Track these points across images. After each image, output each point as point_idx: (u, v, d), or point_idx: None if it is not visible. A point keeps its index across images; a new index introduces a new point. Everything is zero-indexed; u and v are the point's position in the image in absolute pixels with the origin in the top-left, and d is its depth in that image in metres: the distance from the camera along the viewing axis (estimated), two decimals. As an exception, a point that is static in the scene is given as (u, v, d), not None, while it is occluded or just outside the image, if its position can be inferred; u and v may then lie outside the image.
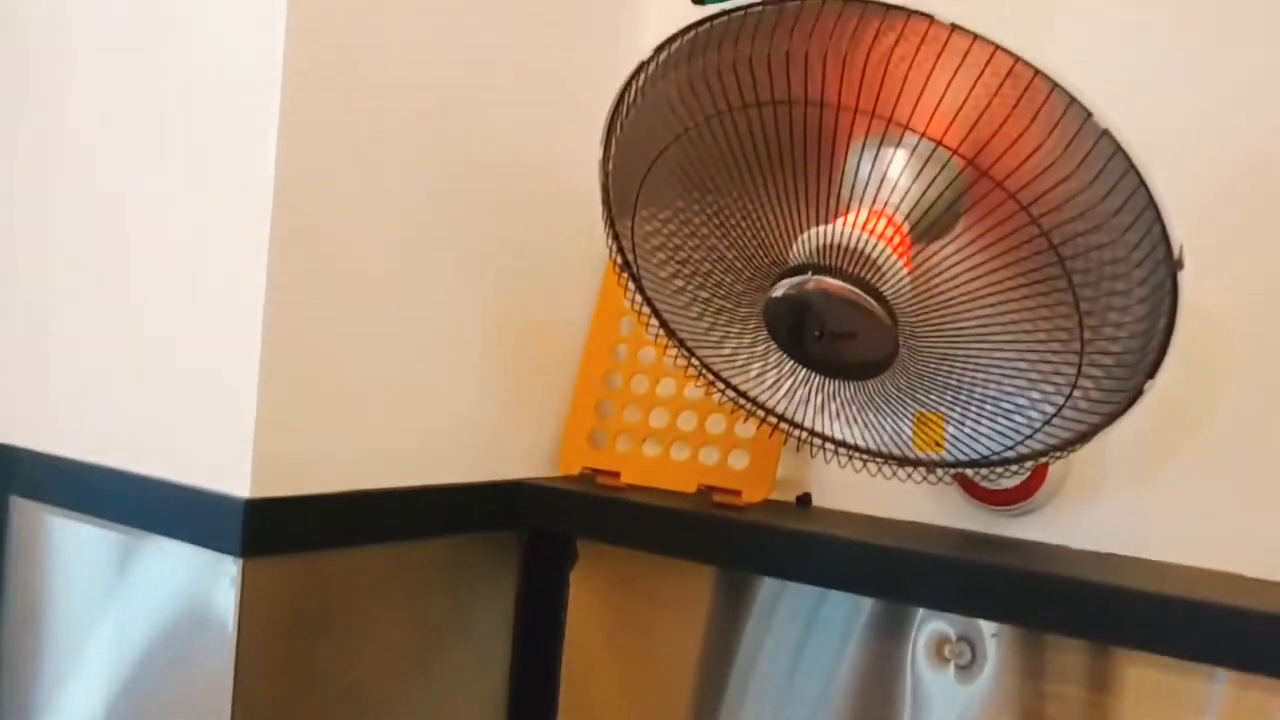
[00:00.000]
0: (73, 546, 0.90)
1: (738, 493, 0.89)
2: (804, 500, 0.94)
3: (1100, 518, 0.81)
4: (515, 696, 0.97)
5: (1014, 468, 0.69)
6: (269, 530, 0.78)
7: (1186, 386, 0.78)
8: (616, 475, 0.96)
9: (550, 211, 0.99)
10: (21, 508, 0.95)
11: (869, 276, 0.61)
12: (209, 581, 0.78)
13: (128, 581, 0.85)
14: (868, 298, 0.60)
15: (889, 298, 0.62)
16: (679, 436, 0.96)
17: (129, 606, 0.85)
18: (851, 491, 0.92)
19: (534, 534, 0.98)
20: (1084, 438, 0.65)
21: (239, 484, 0.77)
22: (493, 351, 0.94)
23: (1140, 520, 0.80)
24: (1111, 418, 0.63)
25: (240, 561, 0.76)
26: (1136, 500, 0.80)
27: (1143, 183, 0.56)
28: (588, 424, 1.00)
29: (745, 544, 0.84)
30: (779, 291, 0.63)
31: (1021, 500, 0.82)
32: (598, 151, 0.70)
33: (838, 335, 0.63)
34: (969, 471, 0.73)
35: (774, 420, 0.77)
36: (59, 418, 0.92)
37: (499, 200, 0.94)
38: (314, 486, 0.81)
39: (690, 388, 0.96)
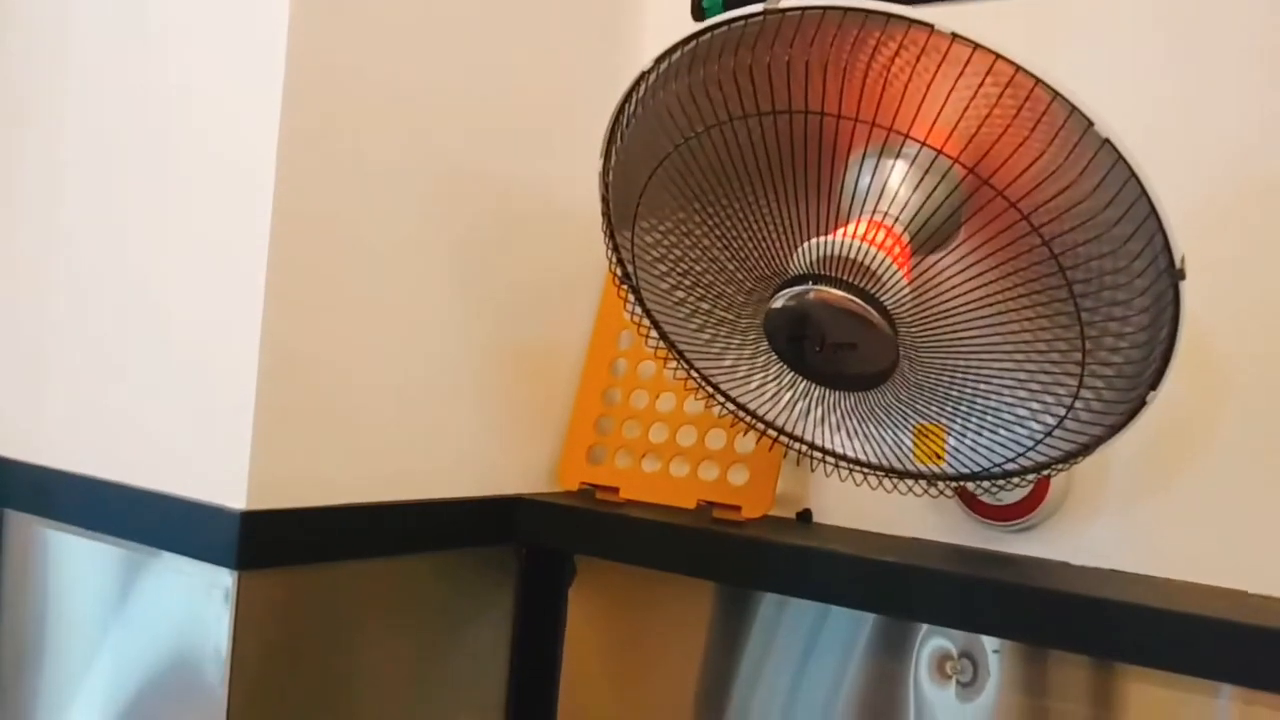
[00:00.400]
0: (68, 560, 0.89)
1: (737, 508, 0.88)
2: (804, 516, 0.93)
3: (1102, 534, 0.81)
4: (513, 712, 0.96)
5: (1015, 480, 0.69)
6: (265, 543, 0.77)
7: (1189, 402, 0.77)
8: (615, 491, 0.95)
9: (549, 226, 0.99)
10: (16, 521, 0.94)
11: (869, 287, 0.61)
12: (204, 594, 0.77)
13: (123, 594, 0.84)
14: (868, 308, 0.60)
15: (889, 308, 0.61)
16: (678, 452, 0.96)
17: (125, 619, 0.84)
18: (852, 507, 0.92)
19: (532, 550, 0.97)
20: (1086, 450, 0.64)
21: (235, 496, 0.76)
22: (491, 366, 0.94)
23: (1142, 537, 0.79)
24: (1114, 429, 0.62)
25: (236, 574, 0.75)
26: (1139, 516, 0.80)
27: (1144, 192, 0.56)
28: (586, 439, 0.99)
29: (746, 560, 0.83)
30: (779, 302, 0.63)
31: (1023, 516, 0.81)
32: (597, 163, 0.70)
33: (838, 346, 0.63)
34: (970, 485, 0.73)
35: (774, 433, 0.76)
36: (54, 431, 0.92)
37: (497, 216, 0.94)
38: (310, 500, 0.80)
39: (690, 402, 0.96)
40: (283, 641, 0.79)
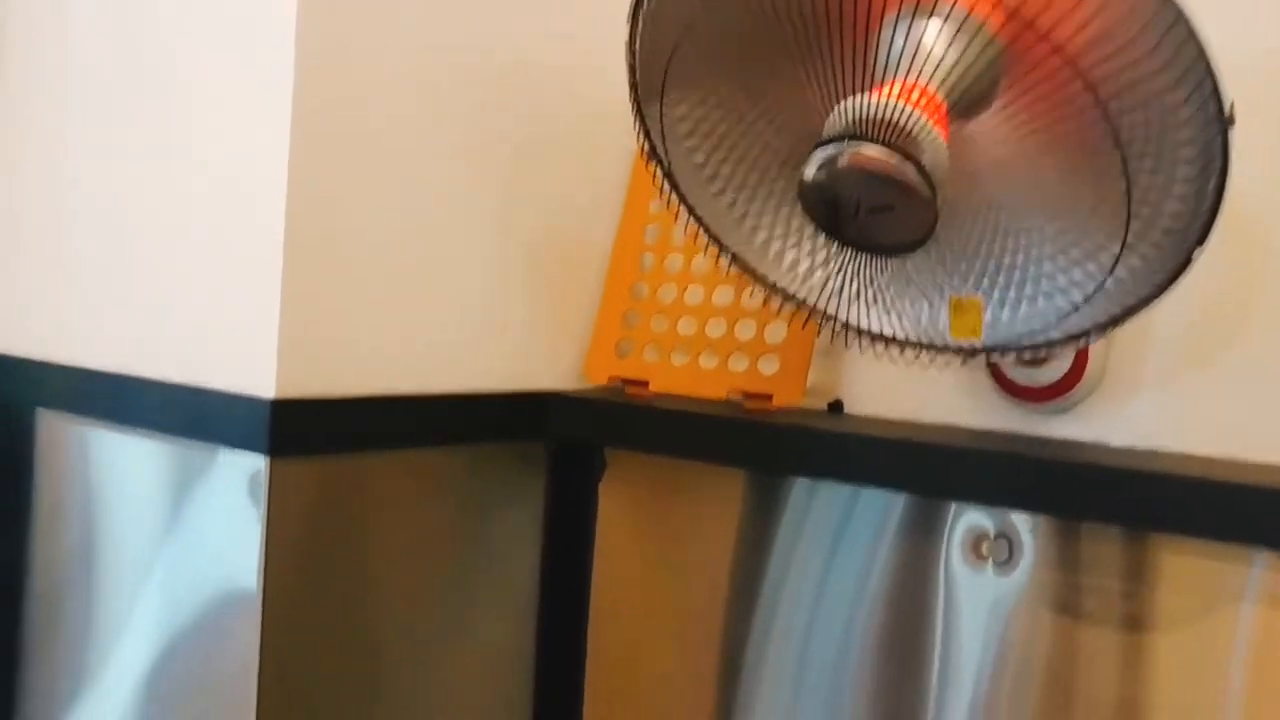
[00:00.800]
0: (101, 455, 0.90)
1: (769, 397, 0.88)
2: (835, 407, 0.93)
3: (1141, 412, 0.79)
4: (545, 606, 0.97)
5: (1058, 349, 0.68)
6: (295, 431, 0.77)
7: (1229, 273, 0.76)
8: (645, 385, 0.95)
9: (576, 117, 0.97)
10: (48, 419, 0.95)
11: (906, 146, 0.60)
12: (237, 482, 0.77)
13: (157, 485, 0.85)
14: (904, 162, 0.59)
15: (926, 168, 0.60)
16: (707, 344, 0.95)
17: (159, 509, 0.85)
18: (884, 397, 0.91)
19: (562, 444, 0.97)
20: (1131, 311, 0.63)
21: (264, 386, 0.76)
22: (519, 261, 0.93)
23: (1181, 415, 0.78)
24: (1161, 289, 0.61)
25: (268, 460, 0.75)
26: (1179, 393, 0.78)
27: (1192, 34, 0.54)
28: (614, 334, 0.99)
29: (779, 445, 0.82)
30: (813, 166, 0.62)
31: (1060, 396, 0.80)
32: (624, 30, 0.69)
33: (874, 209, 0.62)
34: (1008, 360, 0.72)
35: (806, 311, 0.75)
36: (82, 328, 0.92)
37: (525, 106, 0.92)
38: (340, 390, 0.80)
39: (719, 294, 0.95)
40: (316, 529, 0.79)
